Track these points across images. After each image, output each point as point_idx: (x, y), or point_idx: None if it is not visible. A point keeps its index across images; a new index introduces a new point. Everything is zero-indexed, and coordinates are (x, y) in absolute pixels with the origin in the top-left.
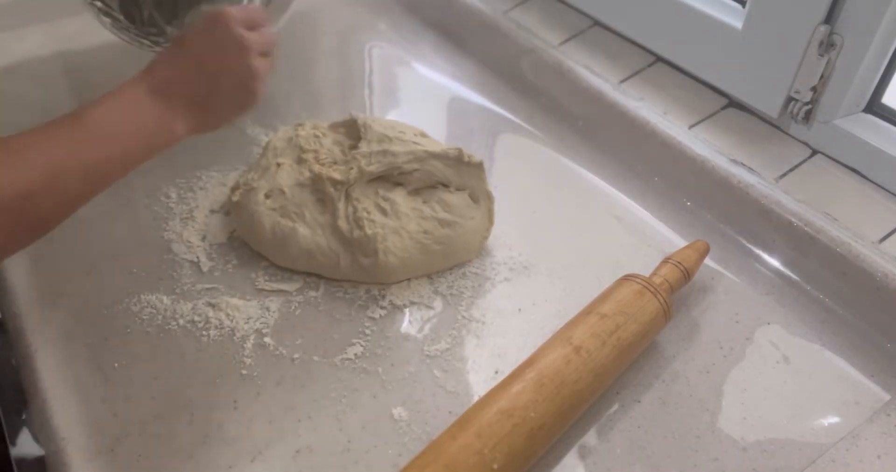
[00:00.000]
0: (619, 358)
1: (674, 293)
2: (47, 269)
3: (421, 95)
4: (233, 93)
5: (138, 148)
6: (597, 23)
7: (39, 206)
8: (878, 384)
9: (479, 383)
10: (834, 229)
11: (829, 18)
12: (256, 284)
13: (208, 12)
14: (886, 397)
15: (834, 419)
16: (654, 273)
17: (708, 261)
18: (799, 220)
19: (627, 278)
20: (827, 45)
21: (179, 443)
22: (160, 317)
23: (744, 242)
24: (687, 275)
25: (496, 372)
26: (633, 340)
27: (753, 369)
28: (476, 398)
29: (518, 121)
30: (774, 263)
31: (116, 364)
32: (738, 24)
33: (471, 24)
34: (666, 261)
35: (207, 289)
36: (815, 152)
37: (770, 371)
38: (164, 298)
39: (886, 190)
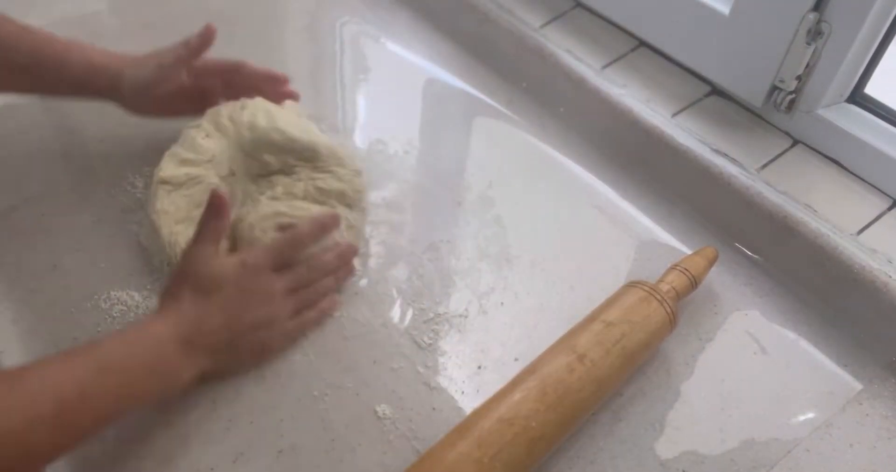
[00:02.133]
0: (623, 367)
1: (680, 301)
2: (8, 266)
3: (395, 77)
4: (250, 350)
5: (147, 389)
6: (579, 4)
7: (45, 438)
8: (850, 374)
9: (463, 378)
10: (813, 221)
11: (818, 6)
12: None
13: (242, 256)
14: (859, 386)
15: (809, 410)
16: (660, 280)
17: (687, 250)
18: (779, 211)
19: (634, 284)
20: (815, 34)
21: (158, 445)
22: (132, 314)
23: (724, 232)
24: (694, 282)
25: (479, 367)
26: (638, 349)
27: (731, 359)
28: (460, 394)
29: (497, 106)
30: (754, 254)
31: None
32: (725, 9)
33: (447, 3)
34: (673, 267)
35: None
36: (796, 142)
37: (748, 362)
38: (135, 294)
39: (865, 181)
